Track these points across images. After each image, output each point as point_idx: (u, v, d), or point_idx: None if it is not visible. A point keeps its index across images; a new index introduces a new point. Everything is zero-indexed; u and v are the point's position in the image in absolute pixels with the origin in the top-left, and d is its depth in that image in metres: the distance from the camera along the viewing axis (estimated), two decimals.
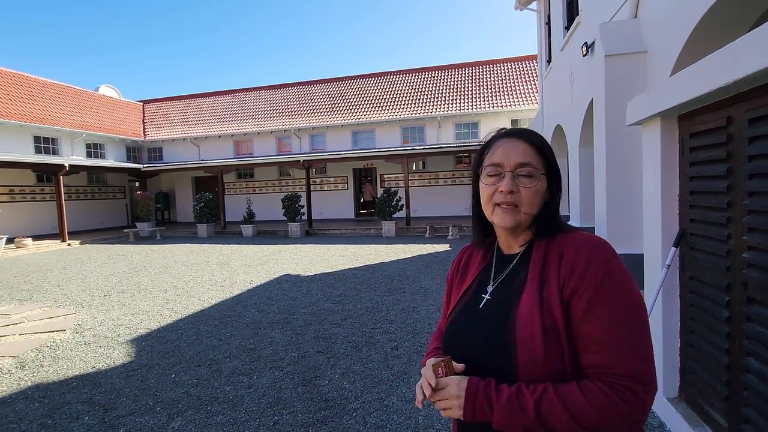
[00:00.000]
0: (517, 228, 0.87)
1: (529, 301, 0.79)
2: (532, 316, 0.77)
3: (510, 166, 0.84)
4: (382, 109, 18.32)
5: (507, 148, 0.86)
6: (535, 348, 0.75)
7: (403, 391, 3.00)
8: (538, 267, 0.82)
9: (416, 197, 16.36)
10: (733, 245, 1.87)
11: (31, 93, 16.53)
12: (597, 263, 0.76)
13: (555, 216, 0.88)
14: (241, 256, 9.85)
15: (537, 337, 0.75)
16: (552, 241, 0.84)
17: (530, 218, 0.85)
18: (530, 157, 0.84)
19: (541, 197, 0.86)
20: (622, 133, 3.88)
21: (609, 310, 0.73)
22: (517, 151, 0.85)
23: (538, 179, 0.84)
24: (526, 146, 0.85)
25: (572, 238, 0.82)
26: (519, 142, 0.86)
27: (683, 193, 2.31)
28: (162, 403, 2.96)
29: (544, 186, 0.85)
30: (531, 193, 0.83)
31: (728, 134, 1.87)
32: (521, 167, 0.84)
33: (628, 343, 0.72)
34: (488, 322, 0.85)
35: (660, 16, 3.53)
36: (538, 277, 0.81)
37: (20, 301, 6.10)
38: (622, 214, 3.97)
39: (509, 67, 18.75)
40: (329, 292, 6.00)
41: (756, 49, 1.49)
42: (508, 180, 0.83)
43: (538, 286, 0.80)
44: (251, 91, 22.30)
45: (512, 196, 0.84)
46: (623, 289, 0.74)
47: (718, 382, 1.98)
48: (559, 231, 0.85)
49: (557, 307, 0.76)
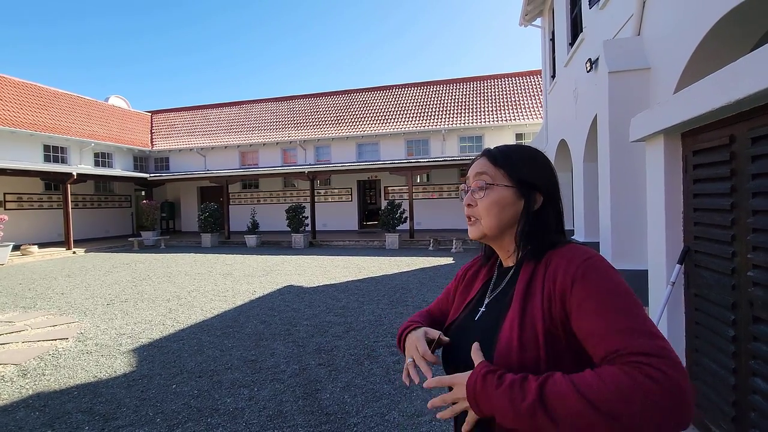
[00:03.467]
0: (488, 239, 0.90)
1: (512, 318, 0.79)
2: (512, 332, 0.77)
3: (471, 182, 0.90)
4: (386, 122, 18.46)
5: (473, 165, 0.92)
6: (511, 357, 0.75)
7: (405, 407, 2.97)
8: (524, 284, 0.82)
9: (420, 210, 16.37)
10: (738, 263, 1.86)
11: (42, 103, 16.82)
12: (576, 262, 0.75)
13: (540, 229, 0.85)
14: (245, 267, 9.86)
15: (514, 349, 0.75)
16: (540, 260, 0.83)
17: (495, 228, 0.86)
18: (485, 169, 0.88)
19: (501, 208, 0.85)
20: (625, 149, 3.89)
21: (598, 299, 0.70)
22: (476, 165, 0.90)
23: (490, 189, 0.86)
24: (483, 160, 0.89)
25: (560, 251, 0.80)
26: (481, 158, 0.91)
27: (687, 210, 2.31)
28: (162, 414, 2.95)
29: (503, 196, 0.85)
30: (483, 203, 0.86)
31: (731, 152, 1.88)
32: (476, 180, 0.88)
33: (634, 325, 0.66)
34: (479, 334, 0.85)
35: (663, 33, 3.57)
36: (523, 294, 0.81)
37: (24, 309, 6.13)
38: (626, 230, 3.95)
39: (514, 81, 18.89)
40: (332, 304, 5.98)
41: (757, 69, 1.51)
42: (468, 195, 0.90)
43: (522, 303, 0.79)
44: (258, 103, 22.57)
45: (470, 210, 0.89)
46: (615, 282, 0.71)
47: (725, 402, 1.95)
48: (548, 248, 0.83)
49: (539, 320, 0.75)
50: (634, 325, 0.66)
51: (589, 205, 5.90)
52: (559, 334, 0.74)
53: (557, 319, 0.74)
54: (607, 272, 0.73)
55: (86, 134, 17.16)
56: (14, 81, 16.53)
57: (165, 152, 20.64)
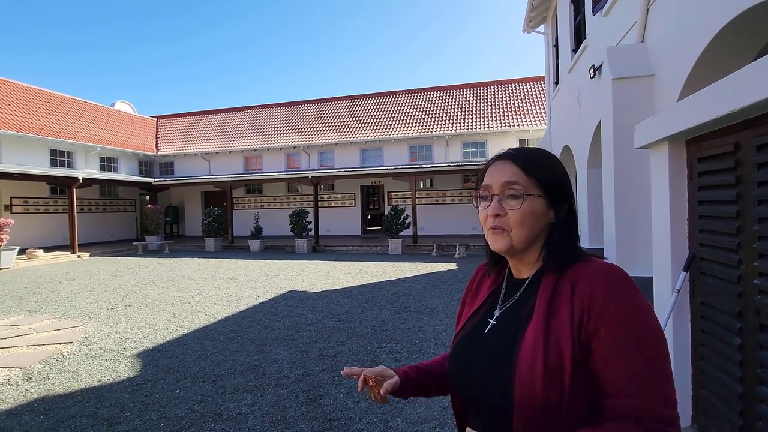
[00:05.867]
0: (513, 252, 0.83)
1: (535, 334, 0.74)
2: (535, 352, 0.73)
3: (497, 189, 0.82)
4: (390, 128, 18.52)
5: (495, 170, 0.84)
6: (534, 387, 0.71)
7: (408, 413, 2.95)
8: (547, 297, 0.77)
9: (423, 215, 16.36)
10: (744, 271, 1.85)
11: (50, 108, 17.00)
12: (616, 300, 0.71)
13: (567, 240, 0.82)
14: (248, 271, 9.87)
15: (538, 375, 0.71)
16: (563, 272, 0.78)
17: (525, 241, 0.81)
18: (516, 177, 0.81)
19: (535, 219, 0.80)
20: (630, 155, 3.89)
21: (634, 354, 0.69)
22: (503, 171, 0.82)
23: (524, 199, 0.79)
24: (513, 167, 0.82)
25: (586, 267, 0.77)
26: (506, 163, 0.83)
27: (692, 217, 2.31)
28: (166, 419, 2.95)
29: (537, 207, 0.80)
30: (517, 215, 0.79)
31: (736, 160, 1.88)
32: (507, 188, 0.81)
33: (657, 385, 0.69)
34: (490, 352, 0.81)
35: (667, 40, 3.57)
36: (546, 308, 0.76)
37: (29, 312, 6.16)
38: (630, 236, 3.94)
39: (517, 87, 18.93)
40: (335, 310, 5.97)
41: (762, 77, 1.51)
42: (494, 203, 0.82)
43: (545, 319, 0.75)
44: (262, 108, 22.71)
45: (499, 220, 0.81)
46: (646, 328, 0.71)
47: (732, 411, 1.93)
48: (573, 261, 0.79)
49: (567, 342, 0.72)
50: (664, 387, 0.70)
51: (594, 212, 5.89)
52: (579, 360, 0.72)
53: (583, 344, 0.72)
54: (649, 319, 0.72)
55: (92, 139, 17.31)
56: (22, 86, 16.73)
57: (170, 157, 20.77)
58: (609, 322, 0.70)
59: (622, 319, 0.70)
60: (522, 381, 0.72)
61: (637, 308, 0.71)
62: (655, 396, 0.69)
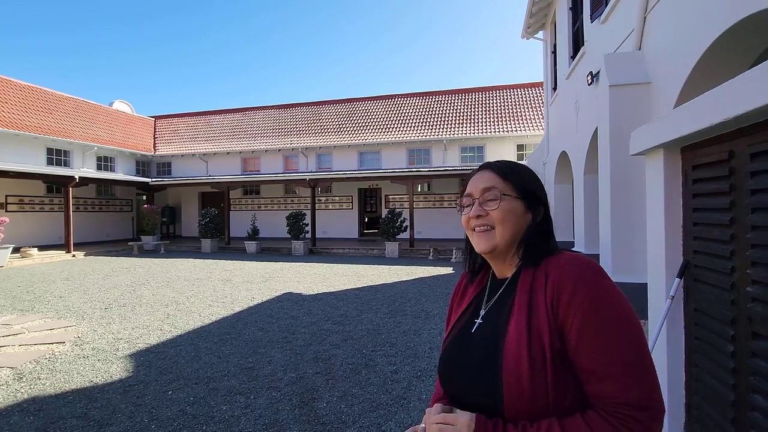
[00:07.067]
0: (497, 252, 0.88)
1: (518, 328, 0.78)
2: (519, 345, 0.76)
3: (477, 194, 0.90)
4: (388, 131, 18.56)
5: (475, 179, 0.93)
6: (521, 380, 0.73)
7: (402, 417, 2.94)
8: (526, 291, 0.81)
9: (420, 219, 16.37)
10: (737, 278, 1.86)
11: (47, 106, 16.94)
12: (584, 287, 0.74)
13: (541, 239, 0.88)
14: (244, 273, 9.84)
15: (524, 368, 0.74)
16: (539, 265, 0.84)
17: (509, 239, 0.86)
18: (494, 182, 0.89)
19: (516, 217, 0.87)
20: (626, 162, 3.91)
21: (603, 339, 0.71)
22: (483, 179, 0.91)
23: (502, 199, 0.87)
24: (491, 174, 0.91)
25: (557, 259, 0.82)
26: (486, 172, 0.92)
27: (687, 224, 2.31)
28: (157, 420, 2.92)
29: (514, 207, 0.87)
30: (498, 213, 0.86)
31: (730, 167, 1.89)
32: (486, 192, 0.89)
33: (628, 370, 0.70)
34: (479, 349, 0.84)
35: (664, 48, 3.60)
36: (527, 302, 0.80)
37: (22, 312, 6.11)
38: (625, 243, 3.95)
39: (515, 93, 19.02)
40: (330, 312, 5.95)
41: (756, 86, 1.52)
42: (476, 206, 0.89)
43: (527, 312, 0.79)
44: (261, 110, 22.72)
45: (483, 219, 0.88)
46: (615, 314, 0.72)
47: (725, 419, 1.93)
48: (547, 254, 0.85)
49: (546, 333, 0.75)
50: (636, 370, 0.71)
51: (590, 217, 5.91)
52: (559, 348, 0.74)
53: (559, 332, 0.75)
54: (618, 303, 0.74)
55: (89, 138, 17.25)
56: (19, 84, 16.68)
57: (167, 157, 20.72)
58: (577, 310, 0.73)
59: (591, 307, 0.72)
60: (509, 375, 0.75)
61: (605, 295, 0.73)
62: (626, 380, 0.70)
